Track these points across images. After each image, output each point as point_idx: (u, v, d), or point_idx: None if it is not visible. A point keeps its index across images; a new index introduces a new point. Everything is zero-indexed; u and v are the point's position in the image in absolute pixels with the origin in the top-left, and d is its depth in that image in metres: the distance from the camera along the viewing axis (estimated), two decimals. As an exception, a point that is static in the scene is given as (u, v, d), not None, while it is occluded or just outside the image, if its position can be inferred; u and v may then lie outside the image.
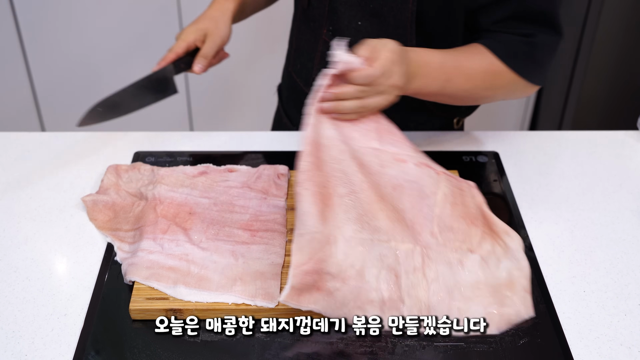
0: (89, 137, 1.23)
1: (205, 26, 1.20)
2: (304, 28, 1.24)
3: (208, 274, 0.92)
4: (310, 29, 1.22)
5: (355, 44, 1.11)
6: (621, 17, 2.08)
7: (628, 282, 0.96)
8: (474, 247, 0.94)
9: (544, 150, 1.22)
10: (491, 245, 0.95)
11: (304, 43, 1.25)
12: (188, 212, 1.02)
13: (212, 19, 1.21)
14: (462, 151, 1.21)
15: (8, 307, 0.91)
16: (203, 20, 1.21)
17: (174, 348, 0.85)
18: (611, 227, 1.06)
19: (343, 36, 1.15)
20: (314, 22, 1.20)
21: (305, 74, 1.27)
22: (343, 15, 1.14)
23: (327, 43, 1.18)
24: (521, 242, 0.96)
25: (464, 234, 0.94)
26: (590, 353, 0.86)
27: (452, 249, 0.92)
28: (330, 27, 1.17)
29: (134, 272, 0.92)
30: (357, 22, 1.14)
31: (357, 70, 0.93)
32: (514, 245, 0.95)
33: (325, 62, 1.18)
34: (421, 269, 0.89)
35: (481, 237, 0.95)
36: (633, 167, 1.19)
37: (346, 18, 1.14)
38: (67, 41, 2.23)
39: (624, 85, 2.24)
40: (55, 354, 0.85)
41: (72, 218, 1.05)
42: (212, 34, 1.20)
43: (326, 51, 1.19)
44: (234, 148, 1.22)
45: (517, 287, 0.90)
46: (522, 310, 0.89)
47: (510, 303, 0.89)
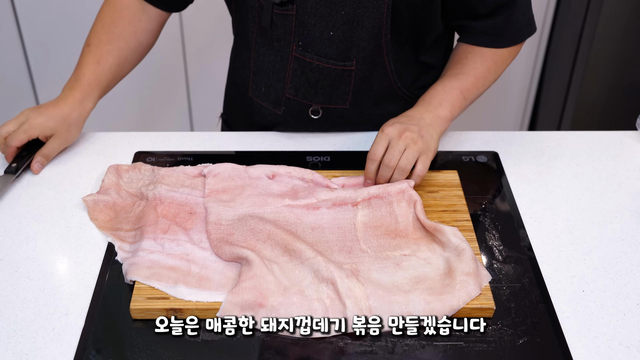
0: (89, 137, 1.24)
1: (56, 126, 1.13)
2: (264, 50, 1.20)
3: (208, 274, 0.93)
4: (273, 49, 1.18)
5: (329, 54, 1.13)
6: (620, 18, 2.08)
7: (627, 281, 0.97)
8: (411, 252, 0.96)
9: (543, 151, 1.23)
10: (427, 245, 0.97)
11: (267, 65, 1.21)
12: (188, 212, 1.03)
13: (65, 120, 1.14)
14: (462, 151, 1.21)
15: (9, 307, 0.91)
16: (55, 116, 1.13)
17: (174, 348, 0.85)
18: (610, 227, 1.06)
19: (315, 49, 1.15)
20: (279, 41, 1.17)
21: (274, 95, 1.23)
22: (314, 28, 1.13)
23: (298, 59, 1.17)
24: (455, 230, 0.97)
25: (394, 246, 0.98)
26: (589, 352, 0.87)
27: (384, 257, 0.96)
28: (300, 42, 1.15)
29: (134, 272, 0.92)
30: (329, 32, 1.12)
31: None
32: (447, 237, 0.96)
33: (299, 78, 1.18)
34: (353, 275, 0.91)
35: (415, 243, 0.98)
36: (632, 167, 1.19)
37: (317, 30, 1.12)
38: (68, 41, 2.23)
39: (623, 86, 2.24)
40: (56, 353, 0.85)
41: (72, 218, 1.06)
42: (60, 136, 1.14)
43: (299, 67, 1.18)
44: (234, 148, 1.22)
45: (456, 273, 0.91)
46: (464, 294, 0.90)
47: (450, 290, 0.90)
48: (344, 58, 1.15)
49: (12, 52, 2.25)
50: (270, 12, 1.13)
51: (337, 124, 1.25)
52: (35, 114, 1.13)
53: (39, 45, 2.24)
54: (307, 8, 1.11)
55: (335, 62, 1.16)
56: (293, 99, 1.22)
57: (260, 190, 1.05)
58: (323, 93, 1.20)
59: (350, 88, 1.19)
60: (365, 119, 1.25)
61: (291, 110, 1.23)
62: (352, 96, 1.21)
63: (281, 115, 1.24)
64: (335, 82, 1.18)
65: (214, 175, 1.07)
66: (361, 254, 0.96)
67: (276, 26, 1.15)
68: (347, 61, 1.16)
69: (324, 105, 1.22)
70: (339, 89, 1.20)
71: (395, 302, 0.88)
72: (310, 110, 1.22)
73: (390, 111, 1.25)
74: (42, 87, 2.33)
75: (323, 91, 1.20)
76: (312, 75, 1.18)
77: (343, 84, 1.19)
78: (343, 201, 1.03)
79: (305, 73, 1.18)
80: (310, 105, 1.22)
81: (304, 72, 1.18)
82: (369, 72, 1.18)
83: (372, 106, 1.24)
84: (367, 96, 1.22)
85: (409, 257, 0.96)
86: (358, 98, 1.22)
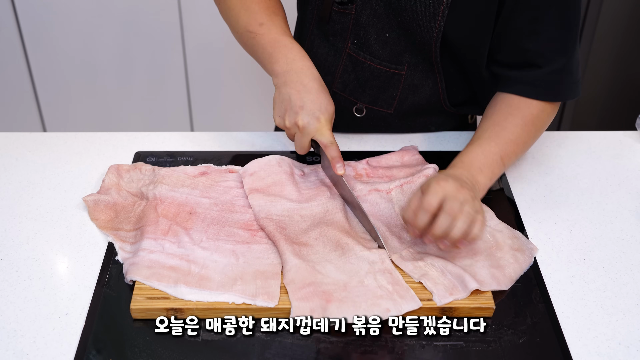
0: (90, 137, 1.24)
1: (331, 111, 1.07)
2: (319, 42, 1.20)
3: (209, 274, 0.93)
4: (329, 43, 1.19)
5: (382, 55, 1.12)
6: (620, 18, 2.08)
7: (627, 281, 0.97)
8: None
9: (543, 151, 1.23)
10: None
11: (320, 57, 1.21)
12: (189, 212, 1.03)
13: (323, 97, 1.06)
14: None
15: (10, 307, 0.91)
16: (321, 101, 1.05)
17: (175, 347, 0.86)
18: (610, 226, 1.06)
19: (370, 49, 1.15)
20: (335, 36, 1.17)
21: None
22: (370, 28, 1.13)
23: (352, 56, 1.17)
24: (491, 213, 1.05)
25: None
26: (589, 352, 0.87)
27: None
28: (355, 40, 1.15)
29: (134, 272, 0.92)
30: (385, 34, 1.12)
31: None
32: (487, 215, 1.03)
33: (349, 75, 1.19)
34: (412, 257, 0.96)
35: None
36: (632, 168, 1.19)
37: (374, 30, 1.13)
38: (68, 41, 2.23)
39: (622, 86, 2.24)
40: (56, 353, 0.85)
41: (73, 218, 1.06)
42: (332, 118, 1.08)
43: (351, 64, 1.18)
44: (234, 148, 1.23)
45: (505, 248, 0.98)
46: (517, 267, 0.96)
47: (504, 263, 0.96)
48: (396, 61, 1.15)
49: (12, 52, 2.25)
50: (329, 8, 1.14)
51: (379, 127, 1.26)
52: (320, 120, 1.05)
53: (39, 45, 2.25)
54: (366, 9, 1.11)
55: (387, 64, 1.16)
56: (340, 94, 1.22)
57: (300, 185, 1.08)
58: (370, 93, 1.20)
59: (397, 93, 1.19)
60: (407, 126, 1.26)
61: (337, 104, 1.18)
62: (397, 102, 1.20)
63: None
64: (383, 84, 1.18)
65: (251, 174, 1.08)
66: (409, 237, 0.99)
67: (334, 22, 1.16)
68: (398, 65, 1.15)
69: (368, 106, 1.22)
70: (386, 92, 1.20)
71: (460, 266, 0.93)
72: (355, 108, 1.23)
73: (432, 121, 1.26)
74: (42, 87, 2.34)
75: (370, 91, 1.20)
76: (362, 74, 1.18)
77: (391, 88, 1.19)
78: (377, 189, 1.06)
79: (356, 71, 1.19)
80: (355, 103, 1.22)
81: (354, 69, 1.19)
82: (419, 82, 1.18)
83: (415, 116, 1.24)
84: (413, 106, 1.21)
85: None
86: (404, 105, 1.21)
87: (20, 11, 2.18)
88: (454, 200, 0.91)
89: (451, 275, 0.92)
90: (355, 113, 1.23)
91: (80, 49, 2.25)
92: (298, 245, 0.97)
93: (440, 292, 0.90)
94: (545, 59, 1.06)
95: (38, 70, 2.30)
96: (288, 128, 1.06)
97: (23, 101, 2.34)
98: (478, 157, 1.02)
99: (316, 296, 0.89)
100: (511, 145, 1.05)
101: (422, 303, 0.89)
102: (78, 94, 2.36)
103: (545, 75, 1.06)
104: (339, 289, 0.90)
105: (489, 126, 1.07)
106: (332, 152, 1.03)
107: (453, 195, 0.92)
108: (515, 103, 1.08)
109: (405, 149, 1.18)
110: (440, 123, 1.27)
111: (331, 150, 1.03)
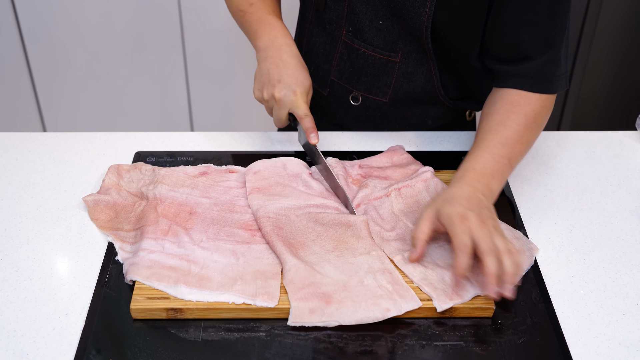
0: (90, 137, 1.24)
1: (308, 85, 1.12)
2: (317, 31, 1.23)
3: (209, 274, 0.93)
4: (325, 31, 1.22)
5: (376, 42, 1.12)
6: (620, 18, 2.09)
7: (626, 281, 0.97)
8: None
9: (543, 151, 1.23)
10: None
11: (317, 46, 1.24)
12: (189, 211, 1.03)
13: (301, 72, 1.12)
14: (462, 151, 1.21)
15: (10, 307, 0.91)
16: (297, 75, 1.11)
17: (175, 347, 0.86)
18: (610, 226, 1.06)
19: (364, 36, 1.16)
20: (331, 24, 1.20)
21: (320, 75, 1.27)
22: (364, 15, 1.14)
23: (347, 44, 1.19)
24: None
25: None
26: (588, 352, 0.87)
27: (434, 237, 0.99)
28: (350, 28, 1.17)
29: (134, 272, 0.92)
30: (378, 21, 1.14)
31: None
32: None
33: (345, 62, 1.21)
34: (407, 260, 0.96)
35: None
36: (631, 167, 1.19)
37: (367, 18, 1.14)
38: (68, 41, 2.23)
39: (622, 86, 2.24)
40: (56, 353, 0.85)
41: (73, 218, 1.06)
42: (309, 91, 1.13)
43: (346, 52, 1.20)
44: (234, 148, 1.23)
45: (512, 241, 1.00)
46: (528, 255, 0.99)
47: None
48: (390, 49, 1.17)
49: (12, 52, 2.25)
50: None
51: (375, 117, 1.27)
52: (294, 91, 1.10)
53: (39, 45, 2.25)
54: None
55: (381, 51, 1.17)
56: (337, 82, 1.25)
57: (302, 188, 1.08)
58: (365, 81, 1.22)
59: (392, 81, 1.20)
60: (403, 116, 1.27)
61: (334, 93, 1.27)
62: (392, 90, 1.22)
63: (325, 96, 1.28)
64: (378, 71, 1.20)
65: (254, 173, 1.09)
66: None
67: (329, 10, 1.18)
68: (392, 52, 1.17)
69: (364, 94, 1.24)
70: (380, 80, 1.21)
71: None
72: (351, 97, 1.25)
73: (429, 114, 1.26)
74: (42, 87, 2.34)
75: (365, 79, 1.22)
76: (357, 62, 1.20)
77: (385, 76, 1.20)
78: (377, 197, 1.06)
79: (352, 58, 1.20)
80: (351, 91, 1.25)
81: (350, 57, 1.21)
82: (413, 70, 1.19)
83: (411, 106, 1.25)
84: (408, 95, 1.23)
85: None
86: (399, 94, 1.22)
87: (20, 11, 2.18)
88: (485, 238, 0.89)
89: (451, 279, 0.92)
90: (352, 101, 1.25)
91: (80, 49, 2.25)
92: (295, 246, 0.97)
93: (440, 296, 0.90)
94: (537, 50, 1.06)
95: (38, 70, 2.30)
96: (266, 100, 1.12)
97: (23, 101, 2.34)
98: (489, 163, 1.01)
99: (316, 297, 0.89)
100: (517, 146, 1.04)
101: (422, 303, 0.89)
102: (78, 94, 2.36)
103: (538, 67, 1.07)
104: (338, 289, 0.90)
105: (492, 126, 1.06)
106: (307, 123, 1.10)
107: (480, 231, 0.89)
108: (515, 100, 1.07)
109: (393, 149, 1.18)
110: (437, 116, 1.27)
111: (306, 122, 1.10)
